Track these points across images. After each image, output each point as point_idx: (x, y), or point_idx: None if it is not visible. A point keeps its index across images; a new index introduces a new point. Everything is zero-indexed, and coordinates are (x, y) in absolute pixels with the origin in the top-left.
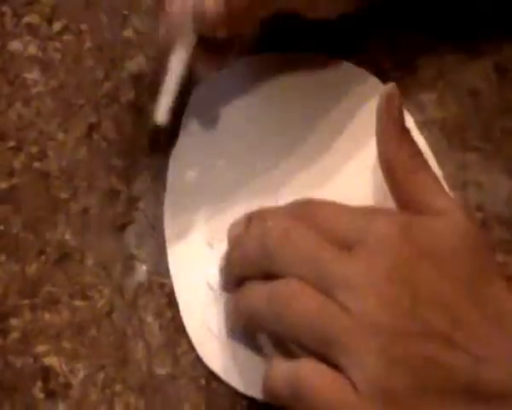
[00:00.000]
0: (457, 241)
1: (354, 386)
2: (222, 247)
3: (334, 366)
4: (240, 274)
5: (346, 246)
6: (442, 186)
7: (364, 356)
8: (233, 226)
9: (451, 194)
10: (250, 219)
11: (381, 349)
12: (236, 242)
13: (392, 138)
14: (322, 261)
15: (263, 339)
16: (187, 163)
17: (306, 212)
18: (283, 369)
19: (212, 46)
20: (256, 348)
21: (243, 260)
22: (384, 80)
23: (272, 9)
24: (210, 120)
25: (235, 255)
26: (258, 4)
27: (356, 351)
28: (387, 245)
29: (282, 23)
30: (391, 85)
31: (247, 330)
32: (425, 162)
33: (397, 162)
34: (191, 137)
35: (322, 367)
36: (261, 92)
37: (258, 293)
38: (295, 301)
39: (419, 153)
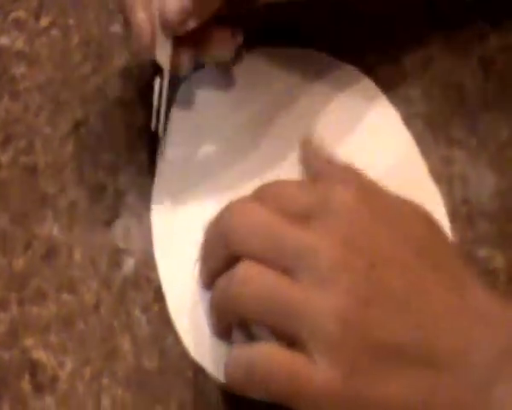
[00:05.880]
0: (413, 212)
1: (311, 358)
2: None
3: (296, 341)
4: (208, 266)
5: (306, 219)
6: None
7: (319, 322)
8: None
9: (436, 187)
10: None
11: (335, 313)
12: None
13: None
14: (276, 235)
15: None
16: (174, 157)
17: (268, 193)
18: (240, 355)
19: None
20: (243, 342)
21: (207, 248)
22: (370, 74)
23: None
24: (197, 114)
25: (202, 247)
26: None
27: (311, 319)
28: (345, 212)
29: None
30: (304, 137)
31: (222, 324)
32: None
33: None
34: (179, 131)
35: (277, 347)
36: (249, 84)
37: (220, 282)
38: (250, 281)
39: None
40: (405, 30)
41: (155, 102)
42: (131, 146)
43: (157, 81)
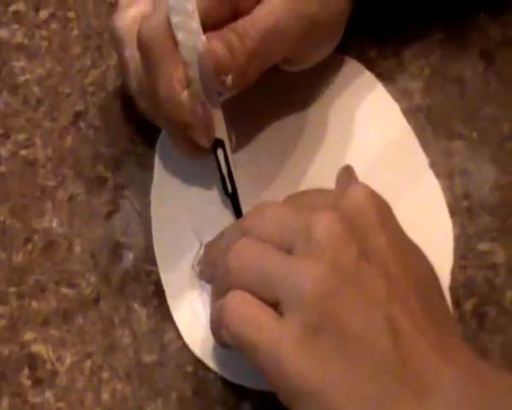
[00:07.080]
0: (421, 251)
1: (281, 313)
2: (208, 235)
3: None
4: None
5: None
6: None
7: (297, 281)
8: None
9: (437, 181)
10: None
11: (315, 278)
12: None
13: None
14: (281, 221)
15: None
16: (173, 151)
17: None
18: (217, 304)
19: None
20: None
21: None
22: (371, 68)
23: (272, 59)
24: None
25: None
26: (262, 53)
27: (291, 279)
28: (356, 206)
29: None
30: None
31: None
32: None
33: None
34: None
35: (248, 296)
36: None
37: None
38: (244, 250)
39: None
40: (406, 22)
41: (224, 170)
42: (131, 139)
43: (220, 152)
